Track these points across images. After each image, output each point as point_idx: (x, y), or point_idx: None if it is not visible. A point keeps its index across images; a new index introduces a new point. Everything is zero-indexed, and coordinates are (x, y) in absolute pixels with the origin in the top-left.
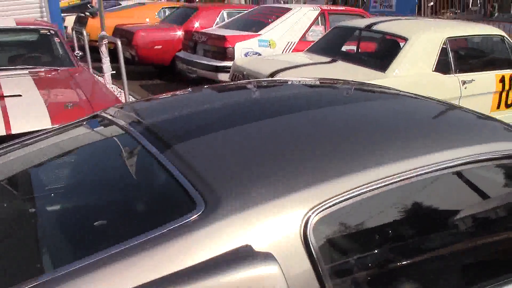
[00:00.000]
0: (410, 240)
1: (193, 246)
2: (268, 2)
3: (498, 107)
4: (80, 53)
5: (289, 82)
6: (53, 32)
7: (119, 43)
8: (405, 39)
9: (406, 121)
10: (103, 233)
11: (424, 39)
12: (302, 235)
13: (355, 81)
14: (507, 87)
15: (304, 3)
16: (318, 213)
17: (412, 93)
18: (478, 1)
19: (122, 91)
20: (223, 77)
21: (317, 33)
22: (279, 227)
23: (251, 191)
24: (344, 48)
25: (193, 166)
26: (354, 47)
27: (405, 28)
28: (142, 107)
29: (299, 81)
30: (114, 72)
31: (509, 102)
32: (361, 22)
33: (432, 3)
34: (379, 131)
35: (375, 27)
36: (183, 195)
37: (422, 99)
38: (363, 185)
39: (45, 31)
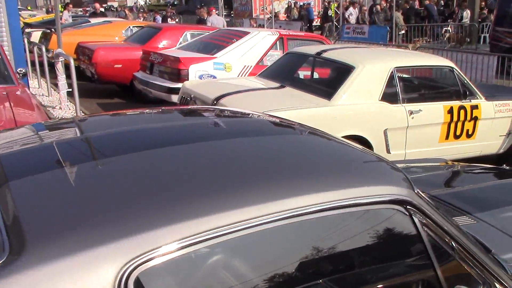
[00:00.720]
0: None
1: None
2: (245, 25)
3: (447, 138)
4: (23, 70)
5: (193, 112)
6: None
7: (71, 61)
8: (352, 68)
9: (275, 160)
10: None
11: (371, 68)
12: None
13: (259, 113)
14: (455, 118)
15: (280, 27)
16: (137, 266)
17: (309, 128)
18: (451, 31)
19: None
20: (176, 99)
21: (275, 58)
22: (88, 283)
23: (61, 240)
24: (295, 74)
25: (18, 207)
26: (304, 74)
27: (352, 57)
28: (8, 135)
29: (205, 110)
30: (70, 90)
31: (457, 133)
32: (312, 49)
33: (403, 32)
34: (236, 171)
35: (324, 55)
36: None
37: (315, 136)
38: (199, 233)
39: None
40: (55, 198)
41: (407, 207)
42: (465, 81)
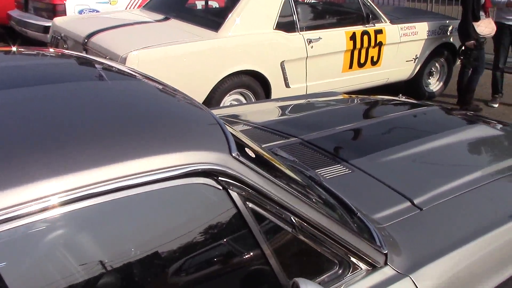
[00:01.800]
0: None
1: None
2: None
3: (351, 67)
4: None
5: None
6: None
7: None
8: None
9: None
10: None
11: None
12: None
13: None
14: (358, 45)
15: None
16: None
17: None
18: None
19: None
20: None
21: None
22: None
23: None
24: (183, 5)
25: None
26: (197, 4)
27: None
28: None
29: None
30: None
31: (362, 61)
32: None
33: None
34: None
35: None
36: None
37: (118, 83)
38: None
39: None
40: None
41: (219, 178)
42: (368, 3)
